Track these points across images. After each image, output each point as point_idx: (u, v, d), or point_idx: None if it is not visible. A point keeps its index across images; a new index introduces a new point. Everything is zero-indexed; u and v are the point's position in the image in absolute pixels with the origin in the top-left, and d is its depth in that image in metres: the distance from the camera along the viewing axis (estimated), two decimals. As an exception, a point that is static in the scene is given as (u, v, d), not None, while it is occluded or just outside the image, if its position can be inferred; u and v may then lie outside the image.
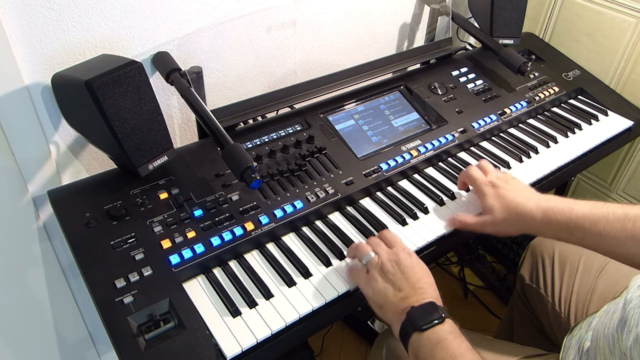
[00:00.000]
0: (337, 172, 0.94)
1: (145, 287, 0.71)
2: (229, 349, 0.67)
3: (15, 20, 0.77)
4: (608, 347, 0.66)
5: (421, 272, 0.72)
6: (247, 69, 1.11)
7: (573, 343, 0.80)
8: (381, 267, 0.72)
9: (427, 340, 0.65)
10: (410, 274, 0.71)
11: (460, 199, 0.95)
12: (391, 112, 1.10)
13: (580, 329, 0.82)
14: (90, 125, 0.80)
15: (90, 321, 1.14)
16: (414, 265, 0.72)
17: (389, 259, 0.73)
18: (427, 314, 0.66)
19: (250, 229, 0.81)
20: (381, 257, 0.74)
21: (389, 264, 0.72)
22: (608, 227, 0.73)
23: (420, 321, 0.66)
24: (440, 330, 0.65)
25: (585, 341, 0.76)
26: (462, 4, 1.42)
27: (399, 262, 0.72)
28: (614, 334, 0.64)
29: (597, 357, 0.69)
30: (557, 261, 1.09)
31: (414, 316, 0.66)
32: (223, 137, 0.83)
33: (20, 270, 0.95)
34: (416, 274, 0.71)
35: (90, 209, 0.79)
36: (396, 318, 0.69)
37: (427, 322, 0.65)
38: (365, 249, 0.76)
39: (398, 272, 0.71)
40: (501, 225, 0.83)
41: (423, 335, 0.65)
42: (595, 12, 1.30)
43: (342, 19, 1.20)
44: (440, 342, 0.64)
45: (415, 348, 0.66)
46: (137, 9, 0.89)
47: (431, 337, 0.65)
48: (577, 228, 0.76)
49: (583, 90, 1.30)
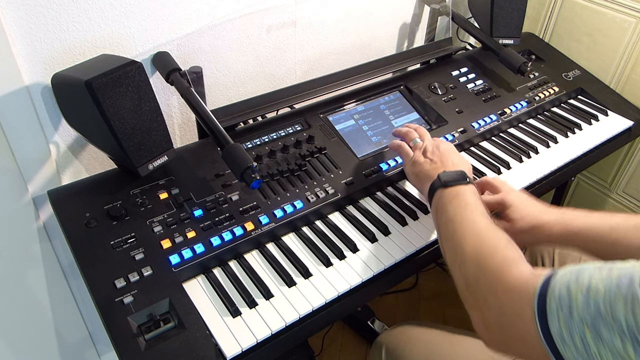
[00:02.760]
0: (337, 172, 0.94)
1: (145, 287, 0.71)
2: (229, 349, 0.67)
3: (15, 20, 0.77)
4: None
5: (457, 156, 0.85)
6: (247, 69, 1.11)
7: None
8: (425, 149, 0.86)
9: (449, 193, 0.74)
10: (448, 156, 0.83)
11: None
12: (391, 112, 1.10)
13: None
14: (90, 125, 0.80)
15: (90, 321, 1.14)
16: (452, 150, 0.85)
17: (433, 144, 0.87)
18: (454, 176, 0.76)
19: (250, 229, 0.81)
20: (426, 142, 0.88)
21: (431, 147, 0.86)
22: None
23: (446, 180, 0.76)
24: (461, 187, 0.74)
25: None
26: (462, 4, 1.42)
27: (440, 147, 0.85)
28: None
29: None
30: (557, 261, 1.09)
31: (442, 176, 0.77)
32: (223, 137, 0.83)
33: (20, 270, 0.95)
34: (453, 157, 0.84)
35: (90, 209, 0.79)
36: (427, 180, 0.80)
37: (452, 180, 0.75)
38: (414, 133, 0.91)
39: (438, 153, 0.84)
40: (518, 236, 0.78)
41: (445, 190, 0.75)
42: (595, 12, 1.30)
43: (342, 19, 1.20)
44: (459, 195, 0.73)
45: (437, 199, 0.76)
46: (137, 9, 0.89)
47: (452, 191, 0.74)
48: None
49: (583, 90, 1.30)
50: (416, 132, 0.92)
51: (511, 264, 0.58)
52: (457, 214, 0.70)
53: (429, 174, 0.81)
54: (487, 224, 0.67)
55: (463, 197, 0.72)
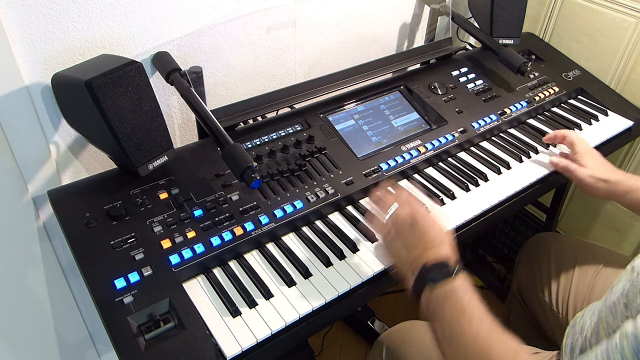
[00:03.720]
0: (337, 172, 0.94)
1: (145, 287, 0.71)
2: (229, 348, 0.67)
3: (15, 20, 0.77)
4: (611, 314, 0.68)
5: (438, 230, 0.74)
6: (247, 69, 1.11)
7: (577, 329, 0.81)
8: (401, 224, 0.75)
9: (437, 294, 0.66)
10: (428, 231, 0.73)
11: (461, 199, 0.95)
12: (391, 112, 1.10)
13: (583, 316, 0.83)
14: (90, 125, 0.80)
15: (90, 321, 1.14)
16: (433, 224, 0.74)
17: (410, 215, 0.75)
18: (438, 270, 0.68)
19: (250, 229, 0.81)
20: (402, 213, 0.76)
21: (409, 220, 0.74)
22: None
23: (432, 276, 0.68)
24: (451, 285, 0.66)
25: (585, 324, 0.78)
26: (462, 4, 1.42)
27: (418, 220, 0.74)
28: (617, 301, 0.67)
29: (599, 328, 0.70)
30: (553, 263, 1.09)
31: (426, 272, 0.69)
32: (223, 137, 0.83)
33: (20, 270, 0.95)
34: (434, 230, 0.73)
35: (90, 209, 0.79)
36: (410, 273, 0.71)
37: (438, 278, 0.67)
38: (388, 202, 0.78)
39: (416, 229, 0.73)
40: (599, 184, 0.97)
41: (434, 290, 0.67)
42: (595, 12, 1.30)
43: (342, 19, 1.20)
44: (449, 297, 0.66)
45: (427, 302, 0.68)
46: (137, 9, 0.89)
47: (441, 292, 0.66)
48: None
49: (583, 90, 1.30)
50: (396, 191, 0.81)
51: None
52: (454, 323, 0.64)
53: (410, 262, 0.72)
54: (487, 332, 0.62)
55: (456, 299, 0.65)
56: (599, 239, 1.50)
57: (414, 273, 0.70)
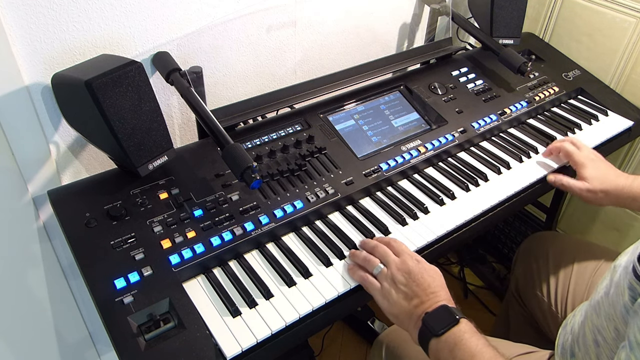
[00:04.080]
0: (337, 172, 0.94)
1: (145, 287, 0.71)
2: (229, 348, 0.67)
3: (15, 20, 0.77)
4: (595, 313, 0.69)
5: (431, 276, 0.73)
6: (247, 69, 1.11)
7: (567, 330, 0.82)
8: (392, 278, 0.74)
9: (445, 343, 0.66)
10: (421, 280, 0.72)
11: (461, 199, 0.95)
12: (391, 112, 1.10)
13: (574, 316, 0.83)
14: (90, 125, 0.80)
15: (90, 321, 1.14)
16: (423, 271, 0.74)
17: (399, 269, 0.74)
18: (441, 319, 0.68)
19: (250, 229, 0.81)
20: (391, 268, 0.75)
21: (399, 274, 0.74)
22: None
23: (436, 326, 0.68)
24: (457, 331, 0.67)
25: (574, 324, 0.78)
26: (462, 4, 1.42)
27: (409, 270, 0.73)
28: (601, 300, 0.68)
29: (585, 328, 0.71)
30: (551, 262, 1.09)
31: (429, 322, 0.68)
32: (223, 137, 0.83)
33: (20, 270, 0.95)
34: (426, 279, 0.73)
35: (90, 209, 0.79)
36: (413, 325, 0.71)
37: (442, 326, 0.67)
38: (374, 260, 0.77)
39: (410, 280, 0.73)
40: (598, 195, 0.95)
41: (440, 340, 0.67)
42: (595, 12, 1.30)
43: (342, 19, 1.20)
44: (457, 344, 0.66)
45: (435, 352, 0.68)
46: (137, 9, 0.89)
47: (448, 340, 0.66)
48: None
49: (583, 90, 1.30)
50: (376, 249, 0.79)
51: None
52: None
53: (410, 314, 0.71)
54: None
55: (465, 346, 0.65)
56: (599, 238, 1.50)
57: (416, 324, 0.70)
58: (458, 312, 0.69)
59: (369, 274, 0.77)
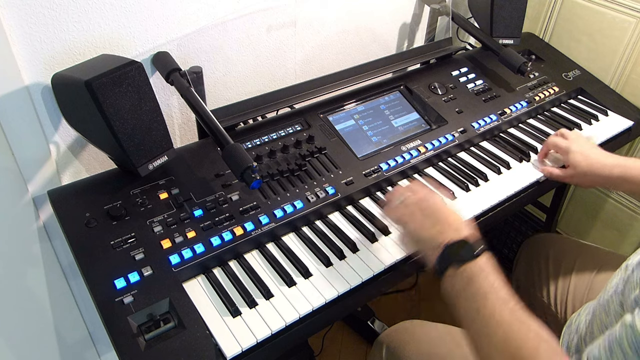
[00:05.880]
0: (337, 172, 0.94)
1: (145, 287, 0.71)
2: (229, 348, 0.67)
3: (15, 20, 0.77)
4: (604, 311, 0.69)
5: (453, 212, 0.75)
6: (247, 69, 1.11)
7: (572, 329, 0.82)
8: (419, 202, 0.76)
9: (461, 275, 0.67)
10: (445, 211, 0.74)
11: (461, 199, 0.95)
12: (391, 112, 1.10)
13: (579, 315, 0.83)
14: (90, 125, 0.80)
15: (90, 321, 1.14)
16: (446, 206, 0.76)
17: (426, 195, 0.77)
18: (461, 250, 0.68)
19: (250, 229, 0.81)
20: (418, 193, 0.77)
21: (426, 199, 0.76)
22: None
23: (455, 257, 0.68)
24: (474, 266, 0.67)
25: (580, 323, 0.78)
26: (462, 4, 1.42)
27: (435, 200, 0.76)
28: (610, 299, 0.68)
29: (593, 326, 0.71)
30: (552, 263, 1.09)
31: (449, 252, 0.69)
32: (223, 137, 0.83)
33: (20, 270, 0.95)
34: (449, 212, 0.74)
35: (90, 209, 0.79)
36: (432, 252, 0.71)
37: (461, 258, 0.67)
38: (396, 194, 0.80)
39: (435, 210, 0.74)
40: (584, 178, 0.96)
41: (457, 271, 0.67)
42: (595, 12, 1.30)
43: (342, 19, 1.20)
44: (473, 278, 0.66)
45: (450, 282, 0.68)
46: (137, 9, 0.89)
47: (464, 273, 0.66)
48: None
49: (583, 90, 1.30)
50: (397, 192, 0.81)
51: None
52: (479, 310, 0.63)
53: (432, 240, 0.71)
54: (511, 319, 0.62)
55: (481, 281, 0.65)
56: (599, 239, 1.50)
57: (437, 249, 0.70)
58: (479, 247, 0.69)
59: None
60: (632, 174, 0.91)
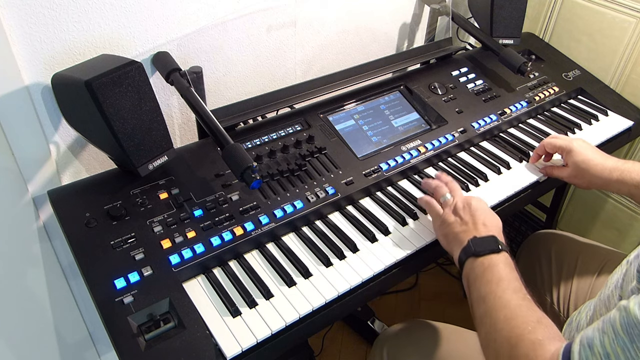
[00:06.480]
0: (337, 172, 0.94)
1: (145, 287, 0.71)
2: (229, 348, 0.67)
3: (15, 20, 0.77)
4: (605, 307, 0.70)
5: (489, 215, 0.80)
6: (247, 69, 1.11)
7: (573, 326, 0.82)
8: (455, 206, 0.81)
9: (480, 264, 0.71)
10: (479, 214, 0.79)
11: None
12: (391, 112, 1.10)
13: (579, 313, 0.83)
14: (90, 125, 0.80)
15: (90, 321, 1.14)
16: (484, 208, 0.80)
17: (463, 201, 0.82)
18: (485, 244, 0.73)
19: (250, 229, 0.81)
20: (456, 198, 0.83)
21: (462, 204, 0.81)
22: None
23: (478, 248, 0.73)
24: (494, 257, 0.71)
25: (580, 320, 0.79)
26: (462, 4, 1.42)
27: (471, 204, 0.80)
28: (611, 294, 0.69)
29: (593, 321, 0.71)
30: (554, 261, 1.09)
31: (473, 244, 0.74)
32: (223, 137, 0.83)
33: (20, 270, 0.95)
34: (485, 215, 0.79)
35: (90, 209, 0.79)
36: (457, 245, 0.76)
37: (484, 249, 0.72)
38: (445, 189, 0.86)
39: (468, 212, 0.79)
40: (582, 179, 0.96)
41: (477, 260, 0.72)
42: (595, 12, 1.30)
43: (342, 19, 1.20)
44: (491, 268, 0.70)
45: (468, 270, 0.73)
46: (137, 9, 0.89)
47: (484, 262, 0.71)
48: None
49: (583, 90, 1.30)
50: (446, 186, 0.87)
51: (537, 348, 0.59)
52: (490, 293, 0.67)
53: (458, 237, 0.77)
54: (518, 303, 0.65)
55: (495, 271, 0.69)
56: (599, 238, 1.50)
57: (461, 243, 0.75)
58: (504, 246, 0.73)
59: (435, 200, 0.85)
60: (630, 177, 0.91)
